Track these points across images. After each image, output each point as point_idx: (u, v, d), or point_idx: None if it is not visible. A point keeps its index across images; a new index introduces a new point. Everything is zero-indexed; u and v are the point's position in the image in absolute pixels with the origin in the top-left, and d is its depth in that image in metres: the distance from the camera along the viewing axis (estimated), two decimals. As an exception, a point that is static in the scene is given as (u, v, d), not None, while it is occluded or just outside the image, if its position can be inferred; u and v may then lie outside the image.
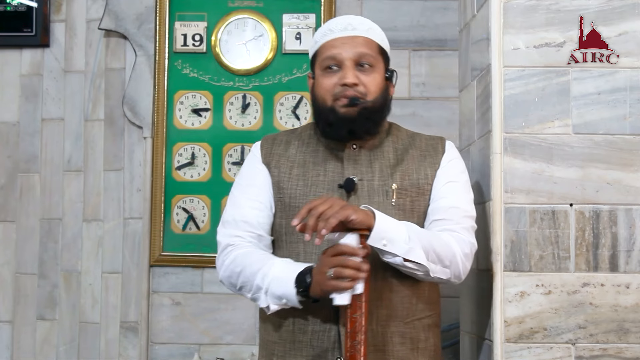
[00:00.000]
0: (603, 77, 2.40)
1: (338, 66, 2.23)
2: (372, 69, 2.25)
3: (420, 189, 2.27)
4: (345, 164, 2.27)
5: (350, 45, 2.24)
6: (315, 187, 2.24)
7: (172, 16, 3.75)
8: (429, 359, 2.29)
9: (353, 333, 2.03)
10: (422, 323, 2.28)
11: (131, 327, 3.68)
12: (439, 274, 2.19)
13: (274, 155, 2.31)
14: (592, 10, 2.41)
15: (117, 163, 3.75)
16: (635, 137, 2.39)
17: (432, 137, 2.37)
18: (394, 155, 2.29)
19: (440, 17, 3.70)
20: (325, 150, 2.29)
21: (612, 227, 2.37)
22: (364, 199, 2.22)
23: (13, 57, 3.86)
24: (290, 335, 2.21)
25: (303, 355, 2.19)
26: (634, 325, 2.35)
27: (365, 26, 2.29)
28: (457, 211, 2.26)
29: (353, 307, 2.04)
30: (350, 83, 2.21)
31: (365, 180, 2.24)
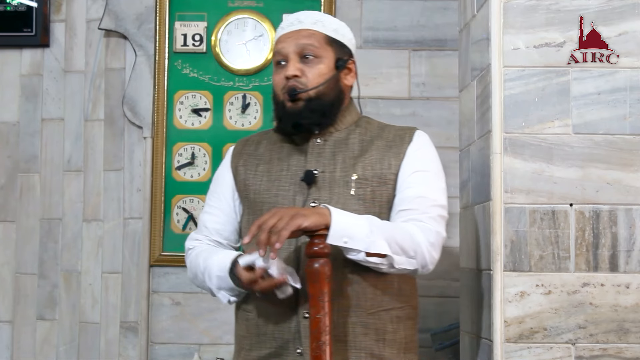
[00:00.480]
0: (603, 77, 2.40)
1: (285, 61, 2.27)
2: (316, 59, 2.26)
3: (382, 178, 2.24)
4: (308, 157, 2.27)
5: (294, 39, 2.27)
6: (279, 181, 2.26)
7: (172, 16, 3.75)
8: (398, 351, 2.24)
9: (317, 334, 2.03)
10: (389, 314, 2.24)
11: (131, 327, 3.68)
12: (404, 264, 2.17)
13: (243, 154, 2.35)
14: (592, 10, 2.41)
15: (117, 163, 3.75)
16: (635, 137, 2.39)
17: (402, 128, 2.34)
18: (359, 146, 2.28)
19: (440, 17, 3.69)
20: (290, 146, 2.31)
21: (612, 227, 2.37)
22: (325, 191, 2.23)
23: (13, 57, 3.86)
24: (255, 329, 2.24)
25: (267, 347, 2.21)
26: (634, 325, 2.35)
27: (313, 19, 2.31)
28: (424, 200, 2.23)
29: (316, 308, 2.04)
30: (290, 75, 2.24)
31: (327, 172, 2.24)
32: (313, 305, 2.05)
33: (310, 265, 2.07)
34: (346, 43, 2.33)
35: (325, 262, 2.06)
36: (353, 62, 2.34)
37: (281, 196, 2.24)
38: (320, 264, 2.06)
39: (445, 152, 3.62)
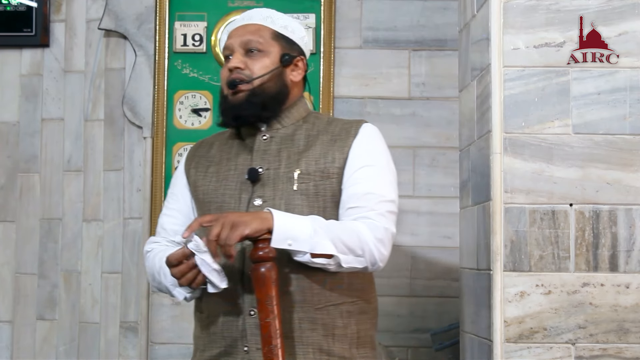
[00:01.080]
0: (603, 77, 2.40)
1: (232, 55, 2.27)
2: (261, 53, 2.26)
3: (325, 173, 2.21)
4: (254, 155, 2.26)
5: (240, 33, 2.27)
6: (226, 181, 2.26)
7: (172, 16, 3.75)
8: (350, 346, 2.22)
9: (268, 338, 2.02)
10: (339, 310, 2.20)
11: (131, 327, 3.68)
12: (352, 263, 2.14)
13: (195, 157, 2.35)
14: (592, 10, 2.41)
15: (117, 163, 3.75)
16: (635, 137, 2.39)
17: (349, 121, 2.30)
18: (304, 142, 2.27)
19: (440, 17, 3.70)
20: (239, 145, 2.31)
21: (612, 227, 2.37)
22: (269, 187, 2.22)
23: (13, 57, 3.86)
24: (207, 329, 2.23)
25: (217, 347, 2.21)
26: (634, 325, 2.35)
27: (262, 15, 2.32)
28: (372, 197, 2.19)
29: (264, 312, 2.02)
30: (232, 67, 2.23)
31: (272, 169, 2.23)
32: (261, 309, 2.03)
33: (256, 269, 2.04)
34: (296, 40, 2.33)
35: (271, 266, 2.04)
36: (302, 59, 2.33)
37: (228, 195, 2.24)
38: (266, 268, 2.03)
39: (445, 152, 3.64)
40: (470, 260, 2.68)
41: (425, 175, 3.67)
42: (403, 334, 3.60)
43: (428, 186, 3.66)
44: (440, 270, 3.63)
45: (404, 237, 3.64)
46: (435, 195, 3.65)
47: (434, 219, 3.64)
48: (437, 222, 3.64)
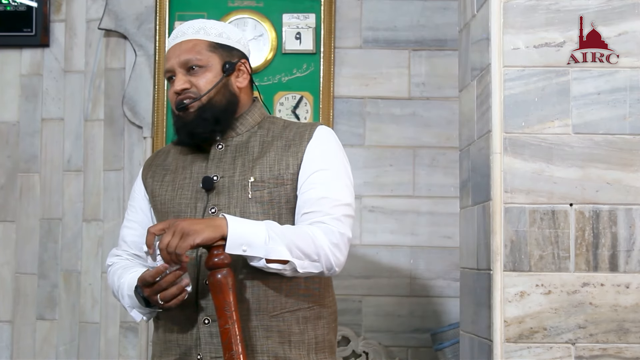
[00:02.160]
0: (603, 77, 2.40)
1: (174, 75, 2.27)
2: (202, 69, 2.25)
3: (279, 179, 2.21)
4: (209, 163, 2.26)
5: (177, 53, 2.28)
6: (181, 189, 2.25)
7: (172, 16, 3.75)
8: (308, 352, 2.21)
9: (228, 344, 2.01)
10: (295, 316, 2.20)
11: (131, 327, 3.68)
12: (308, 268, 2.13)
13: (152, 166, 2.36)
14: (592, 10, 2.41)
15: (117, 163, 3.75)
16: (635, 137, 2.39)
17: (303, 125, 2.29)
18: (259, 149, 2.26)
19: (440, 17, 3.70)
20: (194, 154, 2.30)
21: (612, 227, 2.37)
22: (224, 195, 2.21)
23: (13, 57, 3.86)
24: (163, 336, 2.24)
25: (172, 354, 2.21)
26: (634, 325, 2.35)
27: (195, 28, 2.30)
28: (327, 201, 2.18)
29: (223, 319, 2.02)
30: (178, 90, 2.24)
31: (226, 177, 2.23)
32: (220, 316, 2.02)
33: (213, 276, 2.03)
34: (234, 45, 2.31)
35: (227, 272, 2.03)
36: (243, 62, 2.31)
37: (184, 204, 2.23)
38: (223, 274, 2.03)
39: (445, 152, 3.64)
40: (470, 260, 2.68)
41: (425, 175, 3.67)
42: (403, 334, 3.61)
43: (428, 186, 3.67)
44: (440, 270, 3.63)
45: (404, 237, 3.64)
46: (435, 195, 3.65)
47: (434, 219, 3.64)
48: (437, 222, 3.64)
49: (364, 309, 3.59)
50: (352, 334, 3.55)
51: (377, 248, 3.58)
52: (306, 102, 3.71)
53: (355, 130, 3.70)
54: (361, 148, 3.69)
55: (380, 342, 3.56)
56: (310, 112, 3.71)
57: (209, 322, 2.13)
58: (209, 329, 2.13)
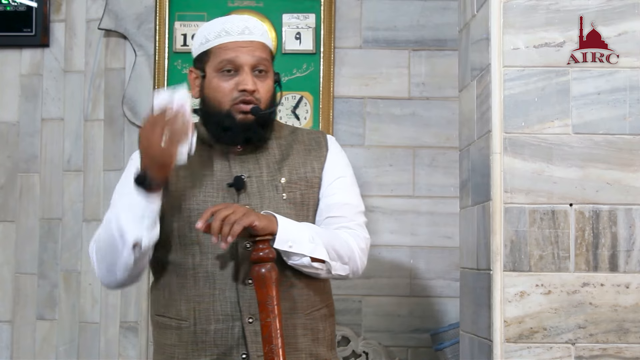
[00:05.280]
0: (603, 77, 2.40)
1: (235, 70, 2.22)
2: (266, 74, 2.25)
3: (309, 182, 2.27)
4: (231, 162, 2.26)
5: (249, 50, 2.23)
6: (204, 187, 2.24)
7: (172, 16, 3.75)
8: (327, 349, 2.29)
9: (268, 338, 2.04)
10: (320, 314, 2.27)
11: (131, 327, 3.68)
12: (339, 270, 2.22)
13: None
14: (592, 10, 2.41)
15: (117, 163, 3.75)
16: (635, 137, 2.39)
17: (312, 131, 2.38)
18: (278, 151, 2.29)
19: (440, 17, 3.70)
20: (210, 151, 2.29)
21: (612, 227, 2.37)
22: (255, 196, 2.22)
23: (13, 57, 3.86)
24: (192, 337, 2.19)
25: (207, 355, 2.18)
26: (634, 325, 2.35)
27: (260, 30, 2.29)
28: (350, 207, 2.29)
29: (265, 312, 2.04)
30: (250, 89, 2.21)
31: (254, 177, 2.23)
32: (262, 310, 2.05)
33: (257, 270, 2.06)
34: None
35: (271, 267, 2.07)
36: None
37: (210, 202, 2.21)
38: (267, 269, 2.06)
39: (445, 152, 3.64)
40: (470, 260, 2.68)
41: (425, 175, 3.67)
42: (403, 334, 3.61)
43: (428, 186, 3.67)
44: (440, 270, 3.63)
45: (404, 237, 3.64)
46: (435, 195, 3.65)
47: (434, 219, 3.64)
48: (437, 222, 3.64)
49: (364, 309, 3.59)
50: (352, 334, 3.55)
51: (377, 248, 3.58)
52: (306, 102, 3.71)
53: (355, 130, 3.70)
54: (361, 148, 3.69)
55: (380, 342, 3.56)
56: (310, 112, 3.71)
57: (253, 321, 2.14)
58: (254, 328, 2.14)
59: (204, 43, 2.27)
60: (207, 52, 2.26)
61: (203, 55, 2.28)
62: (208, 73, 2.26)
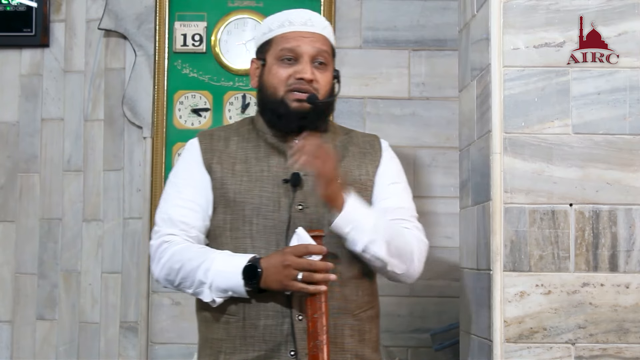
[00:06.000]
0: (603, 77, 2.40)
1: (295, 59, 2.24)
2: (325, 67, 2.26)
3: (363, 184, 2.28)
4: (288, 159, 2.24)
5: (310, 41, 2.25)
6: (260, 182, 2.24)
7: (172, 16, 3.75)
8: (372, 350, 2.30)
9: (314, 333, 2.05)
10: (366, 315, 2.28)
11: (131, 327, 3.68)
12: (395, 268, 2.21)
13: (215, 151, 2.30)
14: (592, 10, 2.41)
15: (116, 163, 3.75)
16: (635, 137, 2.39)
17: (366, 135, 2.38)
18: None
19: (440, 17, 3.69)
20: (267, 146, 2.29)
21: (612, 227, 2.37)
22: (310, 194, 2.22)
23: (13, 57, 3.86)
24: (241, 331, 2.20)
25: (255, 350, 2.19)
26: (634, 325, 2.35)
27: (323, 24, 2.31)
28: (405, 210, 2.29)
29: (313, 308, 2.06)
30: (308, 78, 2.22)
31: (310, 175, 2.22)
32: (310, 305, 2.07)
33: None
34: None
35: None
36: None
37: (265, 197, 2.22)
38: None
39: (445, 152, 3.64)
40: (470, 260, 2.68)
41: (425, 175, 3.67)
42: (403, 334, 3.60)
43: (428, 186, 3.66)
44: (440, 270, 3.62)
45: (404, 237, 3.64)
46: (435, 195, 3.65)
47: (434, 219, 3.64)
48: (437, 222, 3.64)
49: (364, 309, 3.59)
50: (352, 334, 3.54)
51: (377, 248, 3.57)
52: (306, 102, 3.71)
53: (355, 130, 3.70)
54: (361, 148, 3.68)
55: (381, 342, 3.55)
56: (310, 112, 3.71)
57: (303, 318, 2.14)
58: (303, 325, 2.13)
59: (267, 33, 2.30)
60: (269, 41, 2.29)
61: (265, 45, 2.30)
62: (268, 61, 2.28)
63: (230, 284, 2.14)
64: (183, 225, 2.25)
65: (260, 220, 2.21)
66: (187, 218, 2.26)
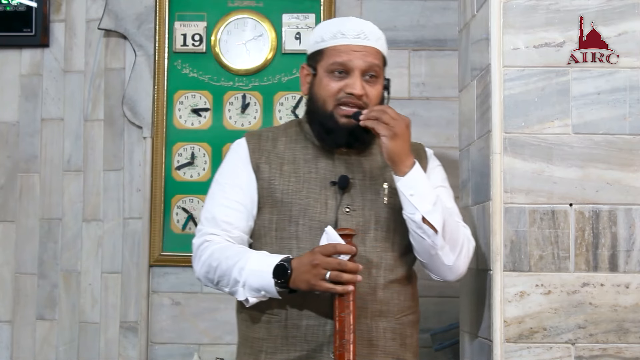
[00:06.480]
0: (603, 77, 2.40)
1: (346, 73, 2.25)
2: (376, 80, 2.28)
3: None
4: (336, 161, 2.28)
5: (362, 55, 2.25)
6: (308, 183, 2.26)
7: (172, 16, 3.75)
8: (413, 354, 2.32)
9: (341, 332, 2.06)
10: (408, 319, 2.31)
11: (131, 327, 3.68)
12: (444, 256, 2.22)
13: (263, 151, 2.31)
14: (592, 10, 2.41)
15: (116, 163, 3.75)
16: (635, 137, 2.39)
17: (412, 142, 2.37)
18: (381, 157, 2.30)
19: (440, 17, 3.69)
20: (315, 148, 2.31)
21: (612, 227, 2.37)
22: (357, 197, 2.24)
23: (13, 57, 3.86)
24: (283, 331, 2.21)
25: (297, 350, 2.20)
26: (634, 325, 2.35)
27: (376, 36, 2.31)
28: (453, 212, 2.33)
29: (340, 307, 2.07)
30: (358, 94, 2.23)
31: (357, 179, 2.26)
32: (338, 305, 2.07)
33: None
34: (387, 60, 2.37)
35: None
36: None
37: (313, 199, 2.24)
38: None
39: (445, 152, 3.64)
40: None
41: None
42: (403, 334, 3.60)
43: (428, 186, 3.66)
44: (440, 270, 3.62)
45: (404, 237, 3.64)
46: (435, 195, 3.65)
47: (433, 219, 3.64)
48: (437, 222, 3.64)
49: (364, 309, 3.59)
50: (352, 334, 3.54)
51: (377, 248, 3.57)
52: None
53: (355, 130, 3.70)
54: (361, 148, 3.69)
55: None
56: (310, 112, 3.71)
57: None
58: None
59: (319, 42, 2.31)
60: (320, 52, 2.29)
61: (316, 54, 2.31)
62: (319, 72, 2.29)
63: (262, 283, 2.13)
64: (226, 226, 2.27)
65: (306, 221, 2.23)
66: (231, 218, 2.27)
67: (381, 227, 2.27)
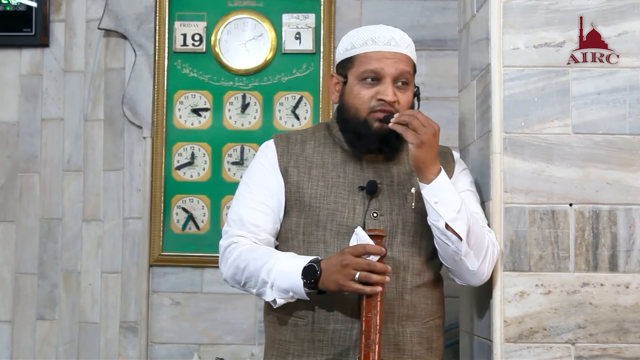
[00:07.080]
0: (603, 77, 2.40)
1: (377, 79, 2.25)
2: (407, 86, 2.28)
3: None
4: (364, 166, 2.29)
5: (393, 62, 2.25)
6: (336, 188, 2.26)
7: (172, 16, 3.75)
8: (438, 358, 2.33)
9: (367, 332, 2.06)
10: (435, 323, 2.32)
11: (131, 327, 3.68)
12: (468, 261, 2.22)
13: (292, 155, 2.31)
14: (592, 10, 2.41)
15: (116, 163, 3.75)
16: (635, 137, 2.39)
17: (440, 146, 2.36)
18: (408, 163, 2.30)
19: (440, 17, 3.69)
20: (344, 153, 2.31)
21: (612, 227, 2.37)
22: (385, 202, 2.25)
23: (13, 57, 3.87)
24: (309, 335, 2.21)
25: (323, 354, 2.20)
26: (634, 325, 2.35)
27: (406, 42, 2.31)
28: (480, 216, 2.33)
29: (367, 307, 2.07)
30: (390, 101, 2.23)
31: (385, 184, 2.27)
32: (366, 305, 2.07)
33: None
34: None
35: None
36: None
37: (340, 203, 2.24)
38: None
39: (445, 152, 3.64)
40: (470, 260, 2.68)
41: (425, 175, 3.67)
42: (403, 334, 3.60)
43: (428, 186, 3.66)
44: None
45: (404, 237, 3.64)
46: (435, 195, 3.65)
47: (433, 219, 3.64)
48: (437, 222, 3.64)
49: (364, 309, 3.59)
50: (352, 334, 3.54)
51: (377, 248, 3.57)
52: (306, 102, 3.72)
53: (355, 130, 3.70)
54: (361, 148, 3.68)
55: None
56: (310, 112, 3.71)
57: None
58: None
59: (349, 49, 2.30)
60: (351, 59, 2.29)
61: (347, 62, 2.30)
62: (350, 79, 2.28)
63: (291, 284, 2.12)
64: (253, 228, 2.26)
65: (334, 226, 2.23)
66: (258, 220, 2.27)
67: (408, 232, 2.27)
